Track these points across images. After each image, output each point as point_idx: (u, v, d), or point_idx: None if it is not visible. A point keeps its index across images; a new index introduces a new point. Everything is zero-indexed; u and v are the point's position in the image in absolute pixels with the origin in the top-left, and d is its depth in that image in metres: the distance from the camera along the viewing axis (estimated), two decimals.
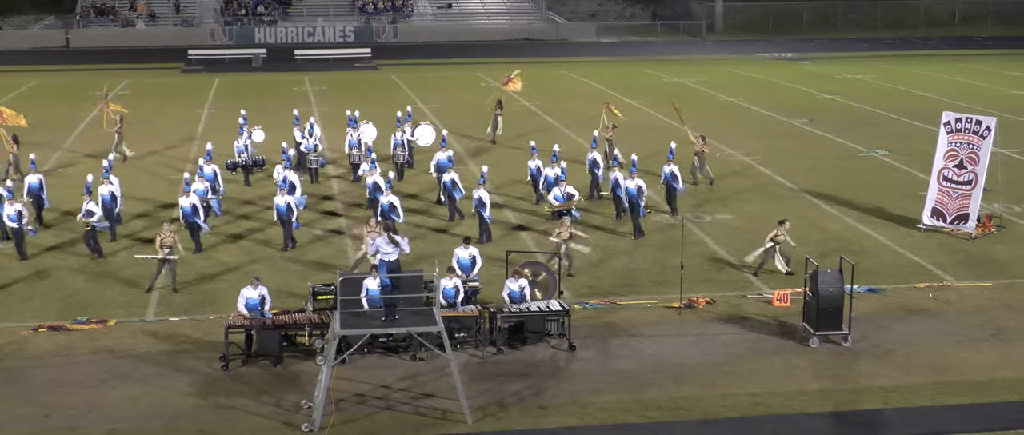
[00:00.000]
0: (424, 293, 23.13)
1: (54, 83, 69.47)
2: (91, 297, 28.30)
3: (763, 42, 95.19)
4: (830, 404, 22.03)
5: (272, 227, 33.99)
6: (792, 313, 26.40)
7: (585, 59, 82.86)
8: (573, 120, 49.89)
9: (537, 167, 37.10)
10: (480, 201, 32.65)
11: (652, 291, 28.57)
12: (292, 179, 33.88)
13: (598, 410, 21.73)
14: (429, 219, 35.31)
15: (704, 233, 33.84)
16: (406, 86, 66.98)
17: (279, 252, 31.72)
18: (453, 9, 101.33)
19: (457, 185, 34.87)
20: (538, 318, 25.01)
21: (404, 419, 21.39)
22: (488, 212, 32.76)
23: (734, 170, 42.53)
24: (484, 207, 32.64)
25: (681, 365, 23.89)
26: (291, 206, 31.71)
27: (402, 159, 40.84)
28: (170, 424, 21.15)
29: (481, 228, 32.80)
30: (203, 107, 56.19)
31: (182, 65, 78.25)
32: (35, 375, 23.38)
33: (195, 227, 31.78)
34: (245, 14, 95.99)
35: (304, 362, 23.85)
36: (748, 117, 55.74)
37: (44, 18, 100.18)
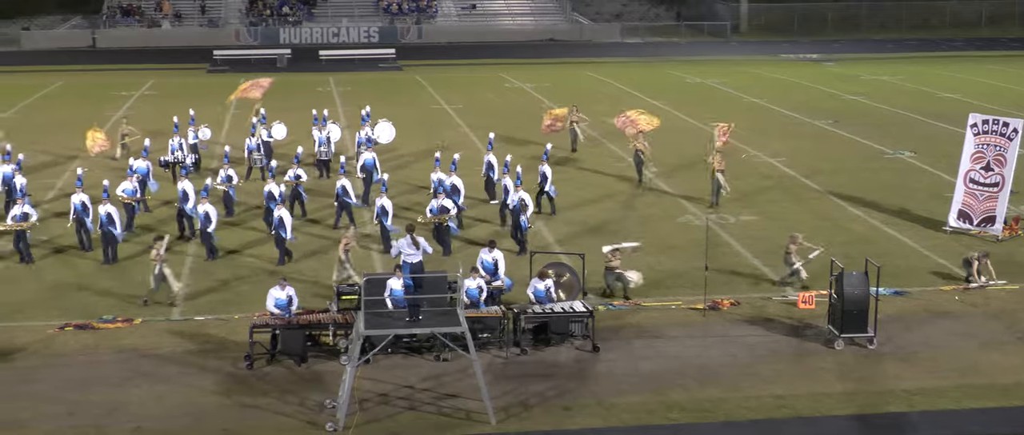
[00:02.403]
0: (448, 294, 23.14)
1: (80, 83, 69.77)
2: (117, 296, 28.40)
3: (788, 43, 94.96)
4: (854, 406, 21.95)
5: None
6: (817, 315, 26.30)
7: (609, 60, 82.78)
8: (599, 122, 49.79)
9: (490, 162, 36.99)
10: (382, 209, 31.67)
11: (676, 293, 28.51)
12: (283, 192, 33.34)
13: (621, 411, 21.71)
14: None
15: (729, 234, 33.77)
16: (430, 86, 67.04)
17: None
18: (477, 10, 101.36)
19: (348, 192, 34.05)
20: (562, 319, 25.00)
21: (427, 419, 21.41)
22: (390, 221, 31.78)
23: (759, 171, 42.41)
24: (386, 216, 31.68)
25: (705, 367, 23.85)
26: (283, 220, 30.64)
27: (327, 156, 40.95)
28: (195, 423, 21.22)
29: (382, 237, 32.02)
30: (229, 108, 56.26)
31: (207, 65, 78.49)
32: (61, 373, 23.49)
33: (110, 236, 31.06)
34: (270, 15, 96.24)
35: (328, 362, 23.89)
36: (773, 118, 55.59)
37: (71, 18, 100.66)
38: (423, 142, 46.02)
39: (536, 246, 30.47)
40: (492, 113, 56.27)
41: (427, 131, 49.98)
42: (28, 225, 31.17)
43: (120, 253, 31.51)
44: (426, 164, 35.46)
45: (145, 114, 49.83)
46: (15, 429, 20.96)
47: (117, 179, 35.19)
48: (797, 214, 36.28)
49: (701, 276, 27.73)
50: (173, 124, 42.59)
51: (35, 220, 31.83)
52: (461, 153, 38.01)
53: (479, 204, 36.36)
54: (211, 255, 31.42)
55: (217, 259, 31.19)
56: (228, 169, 35.73)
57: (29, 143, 44.41)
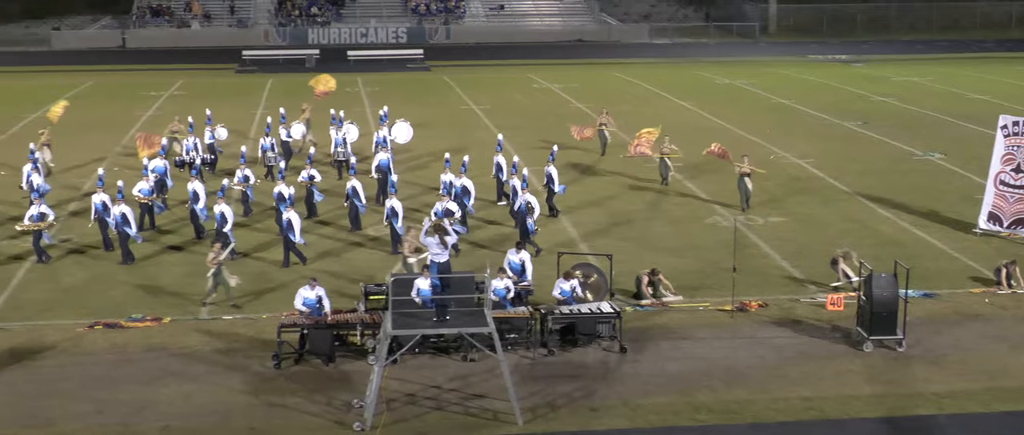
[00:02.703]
0: (475, 294, 23.15)
1: (110, 83, 70.12)
2: (146, 295, 28.53)
3: (816, 44, 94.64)
4: (883, 409, 21.85)
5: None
6: (846, 317, 26.20)
7: (637, 61, 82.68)
8: (624, 123, 49.74)
9: (499, 163, 36.82)
10: (392, 211, 31.57)
11: (704, 294, 28.45)
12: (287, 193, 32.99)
13: (648, 412, 21.68)
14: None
15: (757, 236, 33.68)
16: (458, 87, 67.09)
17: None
18: (505, 11, 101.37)
19: (358, 194, 33.93)
20: (589, 320, 24.98)
21: (454, 419, 21.42)
22: (400, 223, 31.57)
23: (787, 173, 42.28)
24: (396, 217, 31.55)
25: (732, 368, 23.79)
26: (292, 222, 30.49)
27: (344, 157, 40.87)
28: (222, 422, 21.29)
29: (392, 239, 31.94)
30: (257, 107, 56.50)
31: (236, 65, 78.77)
32: (89, 372, 23.60)
33: (124, 235, 31.16)
34: (299, 15, 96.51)
35: (356, 361, 23.93)
36: (801, 119, 55.41)
37: (100, 19, 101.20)
38: (448, 142, 46.01)
39: (565, 247, 30.44)
40: (520, 114, 56.28)
41: (457, 132, 50.00)
42: (45, 225, 31.28)
43: (137, 252, 31.66)
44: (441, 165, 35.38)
45: (174, 114, 49.92)
46: (44, 427, 21.08)
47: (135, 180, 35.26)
48: (825, 216, 36.16)
49: (729, 277, 27.66)
50: (188, 124, 42.70)
51: (52, 220, 31.92)
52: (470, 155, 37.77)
53: (488, 205, 36.24)
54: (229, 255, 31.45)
55: (234, 260, 31.24)
56: (245, 169, 35.75)
57: (58, 143, 44.53)
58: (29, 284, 29.51)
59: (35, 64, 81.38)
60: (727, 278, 27.88)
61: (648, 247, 32.46)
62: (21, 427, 21.09)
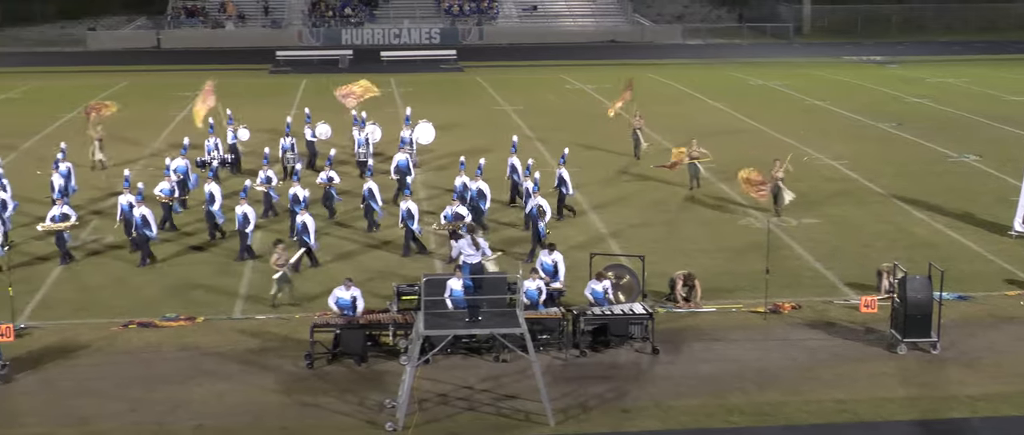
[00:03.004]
0: (507, 295, 23.16)
1: (145, 83, 70.48)
2: (179, 294, 28.68)
3: (851, 45, 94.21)
4: (916, 412, 21.74)
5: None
6: (879, 319, 26.07)
7: (670, 61, 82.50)
8: (658, 124, 49.67)
9: (514, 165, 36.55)
10: (408, 213, 31.49)
11: (736, 296, 28.37)
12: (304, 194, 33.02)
13: (681, 414, 21.63)
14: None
15: (790, 238, 33.55)
16: (491, 88, 67.12)
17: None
18: (538, 11, 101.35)
19: (375, 195, 33.89)
20: (621, 321, 24.95)
21: (486, 420, 21.44)
22: (416, 225, 31.62)
23: (821, 174, 42.10)
24: (412, 219, 31.48)
25: (765, 370, 23.72)
26: (306, 225, 30.37)
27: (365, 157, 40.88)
28: (255, 421, 21.37)
29: (406, 239, 31.92)
30: (291, 108, 56.65)
31: (270, 66, 79.05)
32: (124, 371, 23.74)
33: (144, 238, 31.13)
34: (332, 16, 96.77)
35: (388, 362, 23.99)
36: (835, 121, 55.17)
37: (136, 19, 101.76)
38: (481, 142, 46.00)
39: (597, 247, 30.40)
40: (552, 114, 56.25)
41: (490, 133, 49.99)
42: (67, 225, 31.40)
43: (161, 252, 31.80)
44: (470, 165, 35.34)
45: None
46: (79, 425, 21.21)
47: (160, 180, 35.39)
48: (860, 218, 36.00)
49: (762, 279, 27.57)
50: (209, 124, 42.86)
51: (74, 220, 32.01)
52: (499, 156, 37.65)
53: (501, 208, 36.02)
54: (245, 255, 31.36)
55: (253, 260, 31.34)
56: (268, 170, 35.75)
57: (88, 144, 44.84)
58: (62, 283, 29.70)
59: (71, 64, 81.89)
60: (760, 280, 27.78)
61: (681, 249, 32.39)
62: (56, 425, 21.23)
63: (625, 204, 37.74)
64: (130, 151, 45.93)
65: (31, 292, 28.69)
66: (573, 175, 37.45)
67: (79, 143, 43.60)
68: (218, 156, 40.18)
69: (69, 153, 38.39)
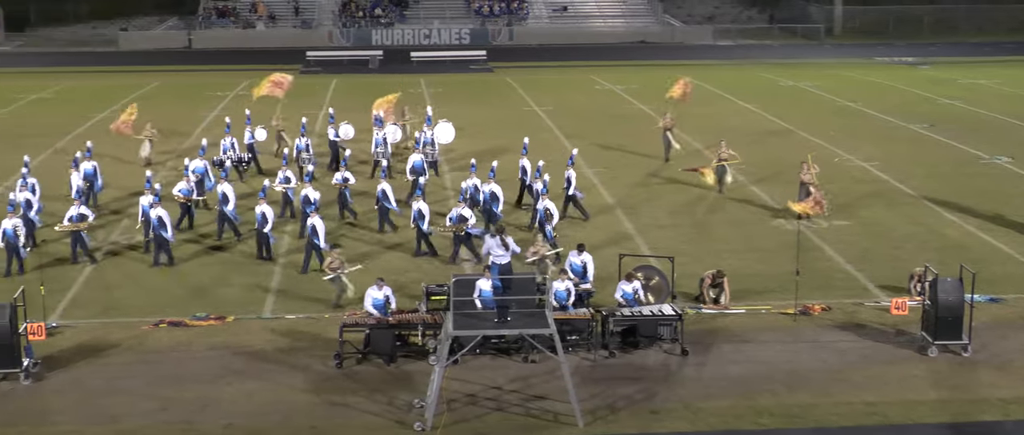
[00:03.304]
0: (536, 295, 23.15)
1: (176, 83, 70.78)
2: (209, 294, 28.79)
3: (882, 46, 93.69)
4: (947, 415, 21.63)
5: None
6: (910, 321, 25.94)
7: (701, 62, 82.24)
8: (688, 125, 49.52)
9: (524, 167, 36.35)
10: (419, 213, 31.40)
11: (766, 297, 28.28)
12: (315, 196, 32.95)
13: (709, 415, 21.59)
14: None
15: (820, 239, 33.42)
16: (520, 88, 67.10)
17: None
18: (568, 12, 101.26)
19: (388, 197, 33.78)
20: (650, 322, 24.92)
21: (515, 420, 21.44)
22: (426, 225, 31.44)
23: (851, 176, 41.93)
24: (422, 220, 31.37)
25: (795, 372, 23.64)
26: (316, 228, 30.08)
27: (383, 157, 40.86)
28: (284, 420, 21.44)
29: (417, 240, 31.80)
30: (321, 108, 56.76)
31: (301, 66, 79.21)
32: (154, 369, 23.86)
33: (160, 239, 31.08)
34: (362, 16, 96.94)
35: (417, 362, 24.02)
36: (866, 122, 54.93)
37: (167, 19, 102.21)
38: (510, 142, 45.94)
39: (626, 248, 30.37)
40: (581, 115, 56.18)
41: (518, 133, 49.82)
42: (84, 226, 31.44)
43: (181, 253, 31.88)
44: (482, 167, 35.20)
45: (239, 114, 50.27)
46: (109, 424, 21.33)
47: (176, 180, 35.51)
48: (890, 219, 35.83)
49: (792, 280, 27.48)
50: (226, 123, 42.93)
51: (91, 221, 32.06)
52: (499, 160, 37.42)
53: (511, 209, 35.63)
54: (265, 256, 31.36)
55: (272, 261, 31.36)
56: (287, 170, 35.64)
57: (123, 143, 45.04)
58: (93, 283, 29.85)
59: (103, 64, 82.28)
60: (790, 281, 27.70)
61: (711, 250, 32.31)
62: (86, 423, 21.35)
63: (654, 205, 37.67)
64: (159, 151, 46.03)
65: (62, 291, 28.86)
66: (602, 175, 37.53)
67: (109, 142, 43.88)
68: (233, 156, 40.31)
69: (95, 151, 38.56)
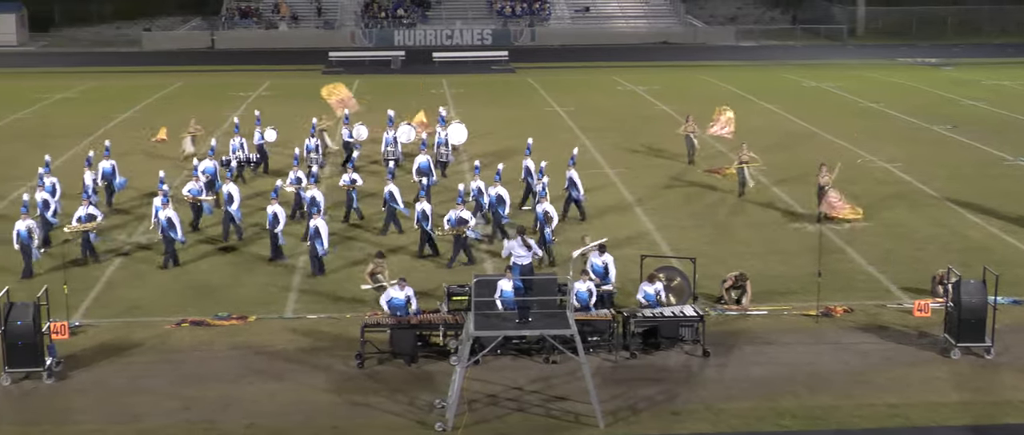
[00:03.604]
0: (557, 296, 23.15)
1: (199, 83, 70.99)
2: (232, 293, 28.88)
3: (906, 47, 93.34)
4: (970, 417, 21.55)
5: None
6: (933, 323, 25.85)
7: (723, 63, 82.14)
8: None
9: (528, 167, 36.04)
10: (423, 214, 31.34)
11: (788, 299, 28.22)
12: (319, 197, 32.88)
13: (731, 417, 21.55)
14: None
15: (842, 240, 33.33)
16: (542, 89, 67.09)
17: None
18: (590, 13, 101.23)
19: (396, 198, 33.64)
20: (672, 323, 24.89)
21: (536, 421, 21.45)
22: (430, 226, 31.41)
23: (874, 177, 41.80)
24: (426, 221, 31.32)
25: (817, 374, 23.58)
26: (319, 230, 29.94)
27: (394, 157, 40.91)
28: (306, 420, 21.49)
29: (421, 241, 31.70)
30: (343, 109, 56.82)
31: (323, 67, 79.34)
32: (177, 369, 23.94)
33: (169, 240, 30.93)
34: (385, 17, 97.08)
35: (438, 362, 24.04)
36: (889, 123, 54.76)
37: (190, 20, 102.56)
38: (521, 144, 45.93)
39: (648, 249, 30.34)
40: (603, 115, 56.15)
41: (540, 134, 49.91)
42: (93, 226, 31.49)
43: (193, 254, 31.98)
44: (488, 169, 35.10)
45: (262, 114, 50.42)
46: (131, 423, 21.41)
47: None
48: (913, 221, 35.71)
49: (813, 282, 27.41)
50: (235, 124, 43.00)
51: (100, 221, 32.12)
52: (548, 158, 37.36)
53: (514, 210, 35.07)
54: (277, 256, 31.35)
55: (285, 262, 31.40)
56: (298, 171, 35.57)
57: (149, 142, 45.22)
58: (116, 282, 29.96)
59: (126, 65, 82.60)
60: (812, 283, 27.63)
61: (732, 251, 32.26)
62: (109, 422, 21.44)
63: (676, 206, 37.63)
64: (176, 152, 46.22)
65: (85, 290, 28.98)
66: (623, 176, 37.40)
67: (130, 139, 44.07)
68: (241, 156, 40.42)
69: (117, 151, 38.72)
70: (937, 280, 28.01)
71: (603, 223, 34.91)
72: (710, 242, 33.24)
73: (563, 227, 33.48)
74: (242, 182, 39.28)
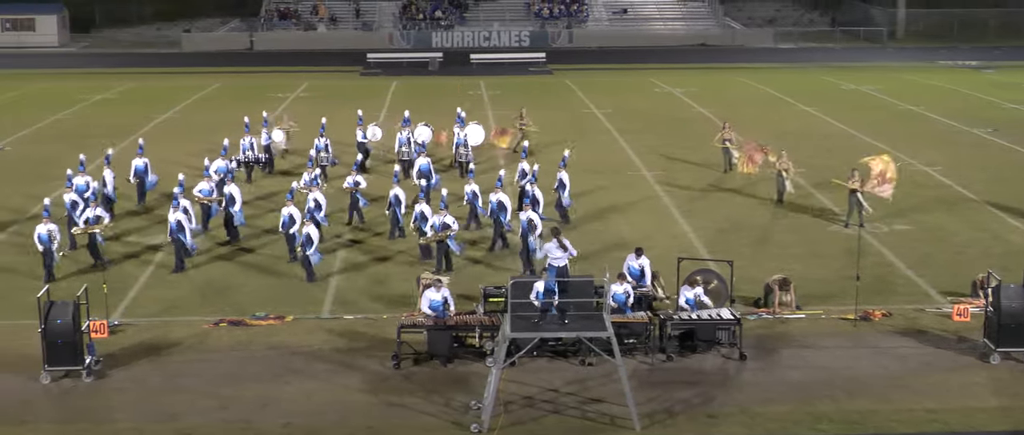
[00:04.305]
0: (594, 298, 23.13)
1: (237, 84, 71.28)
2: (269, 293, 28.98)
3: (946, 50, 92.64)
4: (1009, 423, 21.38)
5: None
6: (972, 328, 25.67)
7: (761, 65, 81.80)
8: (749, 128, 49.24)
9: (524, 170, 35.53)
10: (421, 216, 31.14)
11: (826, 302, 28.06)
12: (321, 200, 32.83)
13: (767, 421, 21.46)
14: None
15: (881, 244, 33.13)
16: (579, 90, 67.04)
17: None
18: (628, 14, 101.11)
19: (400, 201, 33.41)
20: (708, 326, 24.81)
21: (571, 423, 21.42)
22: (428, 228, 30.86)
23: (913, 180, 41.51)
24: (424, 222, 30.98)
25: (854, 378, 23.45)
26: (310, 236, 29.71)
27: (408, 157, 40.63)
28: (341, 420, 21.54)
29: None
30: (381, 109, 57.02)
31: (361, 68, 79.59)
32: (214, 368, 24.05)
33: (180, 245, 30.78)
34: (423, 19, 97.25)
35: (474, 363, 24.05)
36: (929, 126, 54.40)
37: (229, 21, 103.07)
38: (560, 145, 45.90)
39: (685, 252, 30.24)
40: (640, 117, 56.06)
41: (576, 135, 49.93)
42: (99, 227, 31.36)
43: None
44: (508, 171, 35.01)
45: (299, 116, 50.64)
46: (169, 422, 21.52)
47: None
48: (953, 224, 35.46)
49: (852, 286, 27.26)
50: (244, 123, 43.09)
51: (108, 222, 32.11)
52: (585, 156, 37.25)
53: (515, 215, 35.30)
54: (296, 258, 31.14)
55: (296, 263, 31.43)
56: (312, 172, 35.49)
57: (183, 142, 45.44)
58: (154, 282, 30.11)
59: (166, 66, 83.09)
60: (850, 286, 27.48)
61: (770, 254, 32.13)
62: (147, 421, 21.56)
63: (713, 208, 37.49)
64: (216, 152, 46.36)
65: (124, 289, 29.17)
66: (660, 178, 37.21)
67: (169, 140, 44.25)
68: (251, 155, 40.60)
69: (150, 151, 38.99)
70: (977, 284, 27.81)
71: (640, 225, 34.84)
72: (747, 244, 33.11)
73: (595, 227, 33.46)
74: (248, 182, 39.96)
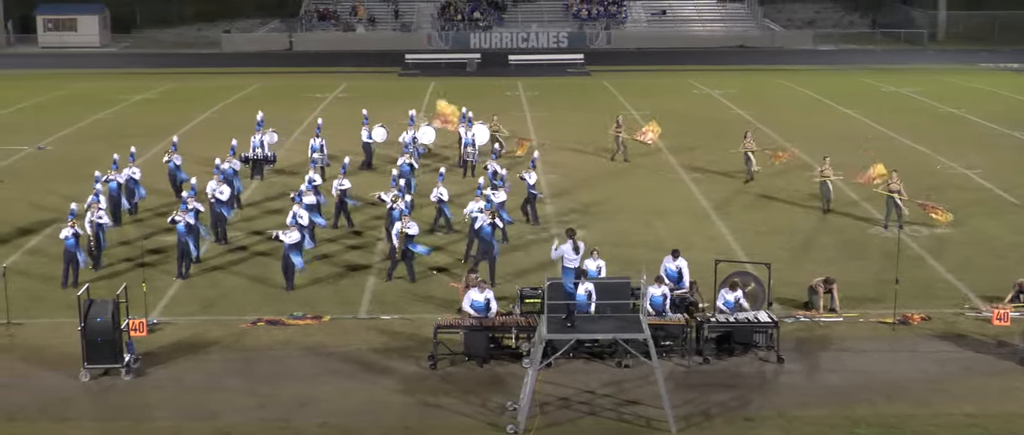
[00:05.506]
0: (630, 300, 23.10)
1: (276, 85, 71.57)
2: (307, 293, 29.08)
3: (987, 52, 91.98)
4: None
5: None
6: (1012, 332, 25.50)
7: (800, 67, 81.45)
8: (788, 131, 49.14)
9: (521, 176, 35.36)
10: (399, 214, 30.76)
11: (865, 305, 27.92)
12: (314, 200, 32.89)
13: (805, 424, 21.38)
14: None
15: (921, 247, 32.94)
16: (617, 92, 66.95)
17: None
18: (667, 16, 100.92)
19: (443, 200, 33.55)
20: (746, 329, 24.74)
21: (607, 425, 21.41)
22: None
23: (954, 183, 41.27)
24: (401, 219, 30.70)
25: (893, 382, 23.33)
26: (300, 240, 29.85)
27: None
28: (378, 420, 21.61)
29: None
30: (419, 109, 57.11)
31: (400, 69, 79.78)
32: (252, 367, 24.18)
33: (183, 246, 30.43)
34: (461, 20, 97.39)
35: (510, 364, 24.06)
36: (969, 129, 54.03)
37: (269, 22, 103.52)
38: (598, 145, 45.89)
39: (723, 254, 30.15)
40: (678, 119, 55.88)
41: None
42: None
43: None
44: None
45: (338, 116, 50.86)
46: (208, 420, 21.64)
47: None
48: (993, 228, 35.22)
49: (891, 289, 27.12)
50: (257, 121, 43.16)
51: (109, 226, 32.12)
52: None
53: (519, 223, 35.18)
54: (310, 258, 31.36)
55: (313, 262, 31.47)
56: (313, 172, 35.52)
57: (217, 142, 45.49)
58: (192, 281, 30.21)
59: (206, 66, 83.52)
60: (889, 289, 27.34)
61: (809, 257, 32.01)
62: (185, 419, 21.69)
63: (751, 211, 37.38)
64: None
65: (163, 288, 29.34)
66: (698, 180, 36.88)
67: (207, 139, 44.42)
68: (260, 154, 40.90)
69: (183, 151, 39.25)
70: (1019, 288, 27.62)
71: (677, 227, 34.78)
72: (785, 247, 33.00)
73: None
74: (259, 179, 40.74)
